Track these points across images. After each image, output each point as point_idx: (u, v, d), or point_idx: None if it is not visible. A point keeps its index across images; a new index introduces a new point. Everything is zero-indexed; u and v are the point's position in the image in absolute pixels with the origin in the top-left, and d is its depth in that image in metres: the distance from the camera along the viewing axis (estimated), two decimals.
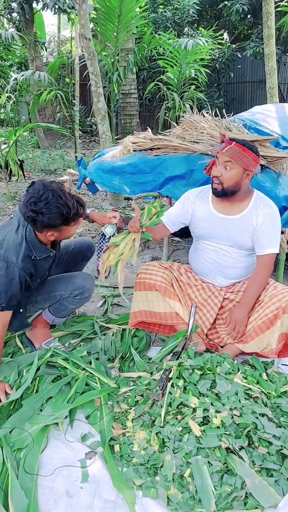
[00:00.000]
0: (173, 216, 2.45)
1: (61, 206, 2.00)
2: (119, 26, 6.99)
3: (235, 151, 2.12)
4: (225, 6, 10.79)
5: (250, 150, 2.15)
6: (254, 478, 1.57)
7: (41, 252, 2.17)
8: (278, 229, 2.25)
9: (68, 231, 2.16)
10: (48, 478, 1.66)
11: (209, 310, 2.38)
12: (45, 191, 2.00)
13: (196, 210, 2.37)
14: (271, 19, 6.30)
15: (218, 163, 2.21)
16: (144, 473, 1.67)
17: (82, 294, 2.40)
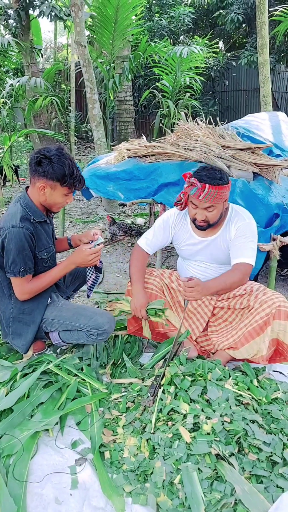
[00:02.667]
0: (155, 243, 2.39)
1: (68, 166, 2.09)
2: (115, 33, 7.04)
3: (213, 195, 2.04)
4: (220, 15, 10.90)
5: (222, 180, 2.06)
6: (244, 485, 1.57)
7: (37, 215, 2.20)
8: (252, 241, 2.17)
9: (57, 195, 2.17)
10: (37, 485, 1.65)
11: (199, 318, 2.38)
12: (62, 151, 2.12)
13: (177, 235, 2.36)
14: (265, 28, 6.37)
15: (197, 206, 2.13)
16: (134, 479, 1.66)
17: (100, 336, 2.29)
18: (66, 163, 2.09)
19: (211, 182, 2.03)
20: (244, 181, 3.01)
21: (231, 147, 3.33)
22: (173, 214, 2.36)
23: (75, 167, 2.13)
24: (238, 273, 2.09)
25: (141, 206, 6.26)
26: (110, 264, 4.12)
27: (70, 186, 2.14)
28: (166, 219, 2.37)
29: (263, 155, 3.32)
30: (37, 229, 2.21)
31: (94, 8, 7.20)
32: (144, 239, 2.40)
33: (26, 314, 2.28)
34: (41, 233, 2.25)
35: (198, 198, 2.06)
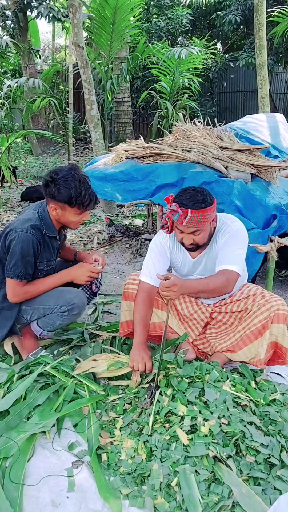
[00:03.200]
0: (159, 272, 2.14)
1: (73, 188, 2.10)
2: (113, 35, 7.05)
3: (196, 219, 1.94)
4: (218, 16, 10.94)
5: (204, 203, 1.95)
6: (242, 487, 1.56)
7: (49, 230, 2.25)
8: (239, 248, 2.09)
9: (70, 215, 2.21)
10: (34, 488, 1.64)
11: (195, 323, 2.36)
12: (71, 171, 2.15)
13: (174, 258, 2.27)
14: (263, 29, 6.39)
15: (182, 230, 2.03)
16: (131, 482, 1.65)
17: (71, 311, 2.32)
18: (72, 185, 2.10)
19: (193, 207, 1.93)
20: (242, 182, 3.01)
21: (229, 148, 3.33)
22: (164, 237, 2.24)
23: (84, 188, 2.13)
24: (223, 278, 2.00)
25: (139, 207, 6.26)
26: (108, 265, 4.12)
27: (80, 206, 2.16)
28: (160, 244, 2.24)
29: (261, 156, 3.32)
30: (45, 241, 2.26)
31: (92, 9, 7.21)
32: (146, 272, 2.21)
33: (6, 309, 2.31)
34: (48, 246, 2.30)
35: (181, 224, 1.97)
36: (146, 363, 2.06)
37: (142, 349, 2.11)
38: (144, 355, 2.08)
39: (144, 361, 2.06)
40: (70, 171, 2.15)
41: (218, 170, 3.18)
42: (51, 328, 2.41)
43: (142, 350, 2.10)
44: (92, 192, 2.20)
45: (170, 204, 1.99)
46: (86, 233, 5.21)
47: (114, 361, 2.21)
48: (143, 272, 2.22)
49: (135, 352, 2.10)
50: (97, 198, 2.23)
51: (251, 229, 2.78)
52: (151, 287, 2.19)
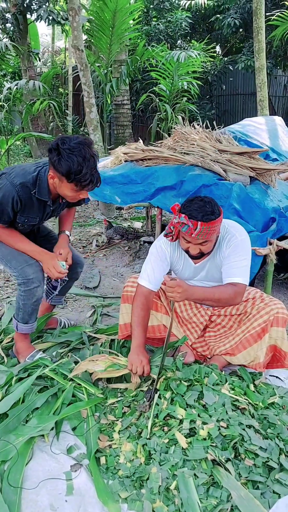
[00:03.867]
0: (158, 277, 2.18)
1: (75, 163, 1.96)
2: (113, 38, 7.06)
3: (206, 231, 1.91)
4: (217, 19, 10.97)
5: (213, 214, 1.92)
6: (240, 490, 1.56)
7: (41, 193, 2.17)
8: (245, 259, 2.08)
9: (66, 189, 2.08)
10: (32, 491, 1.63)
11: (194, 327, 2.36)
12: (79, 145, 1.99)
13: (174, 262, 2.24)
14: (262, 33, 6.41)
15: (189, 241, 2.00)
16: (129, 485, 1.65)
17: (25, 285, 2.28)
18: (74, 160, 1.95)
19: (203, 219, 1.89)
20: (241, 185, 3.02)
21: (227, 151, 3.33)
22: (165, 242, 2.20)
23: (86, 166, 1.97)
24: (231, 290, 2.01)
25: (138, 209, 6.26)
26: (106, 268, 4.12)
27: (77, 184, 2.03)
28: (160, 249, 2.21)
29: (259, 159, 3.32)
30: (32, 200, 2.19)
31: (91, 12, 7.22)
32: (144, 276, 2.20)
33: None
34: (34, 206, 2.22)
35: (190, 236, 1.95)
36: (144, 367, 2.06)
37: (141, 352, 2.10)
38: (142, 358, 2.08)
39: (142, 364, 2.06)
40: (79, 144, 1.98)
41: (217, 173, 3.19)
42: (21, 316, 2.36)
43: (140, 353, 2.09)
44: (96, 173, 2.04)
45: (179, 215, 1.95)
46: (85, 236, 5.21)
47: (112, 362, 2.21)
48: (141, 276, 2.21)
49: (134, 355, 2.09)
50: (99, 180, 2.08)
51: (250, 232, 2.78)
52: (149, 291, 2.18)
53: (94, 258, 4.39)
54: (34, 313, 2.40)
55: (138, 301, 2.18)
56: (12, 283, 3.68)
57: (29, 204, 2.19)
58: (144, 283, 2.19)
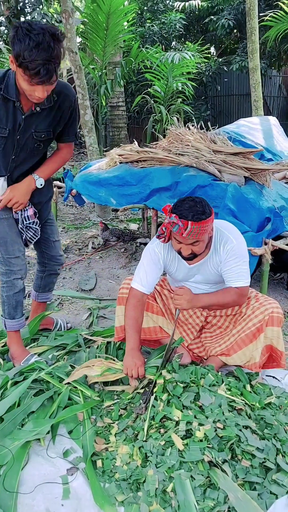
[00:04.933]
0: (151, 281, 2.18)
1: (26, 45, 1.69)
2: (107, 40, 7.06)
3: (197, 231, 1.90)
4: (211, 20, 10.99)
5: (204, 214, 1.91)
6: (237, 492, 1.55)
7: (8, 91, 1.95)
8: (244, 261, 2.08)
9: (19, 77, 1.81)
10: (28, 496, 1.62)
11: (190, 328, 2.35)
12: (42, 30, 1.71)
13: (168, 265, 2.22)
14: (255, 33, 6.43)
15: (181, 241, 1.99)
16: (126, 488, 1.64)
17: (7, 275, 2.28)
18: (26, 41, 1.68)
19: (193, 219, 1.88)
20: (236, 185, 3.02)
21: (222, 152, 3.34)
22: (159, 244, 2.17)
23: (38, 53, 1.69)
24: (235, 295, 2.05)
25: (134, 211, 6.26)
26: (103, 270, 4.11)
27: (25, 70, 1.74)
28: (154, 252, 2.18)
29: (254, 160, 3.33)
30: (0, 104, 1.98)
31: (85, 14, 7.22)
32: (137, 279, 2.18)
33: None
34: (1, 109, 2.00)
35: (181, 236, 1.94)
36: (138, 369, 2.05)
37: (135, 355, 2.09)
38: (136, 361, 2.07)
39: (137, 367, 2.05)
40: (42, 29, 1.71)
41: (212, 173, 3.19)
42: (6, 310, 2.36)
43: (135, 356, 2.09)
44: (50, 66, 1.73)
45: (170, 215, 1.94)
46: (81, 238, 5.20)
47: (107, 367, 2.20)
48: (134, 279, 2.20)
49: (128, 358, 2.09)
50: (52, 75, 1.77)
51: (245, 232, 2.78)
52: (142, 294, 2.17)
53: (90, 260, 4.38)
54: (18, 307, 2.40)
55: (130, 304, 2.17)
56: None
57: None
58: (137, 286, 2.17)
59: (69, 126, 2.24)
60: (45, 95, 1.87)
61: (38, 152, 2.25)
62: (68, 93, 2.12)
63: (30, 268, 4.15)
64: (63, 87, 2.10)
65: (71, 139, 2.33)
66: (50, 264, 2.63)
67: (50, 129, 2.16)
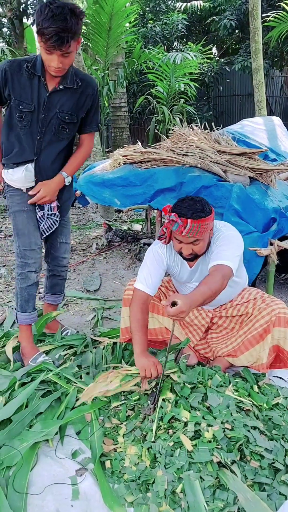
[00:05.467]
0: (154, 281, 2.16)
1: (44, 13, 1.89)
2: (109, 40, 7.08)
3: (196, 229, 1.91)
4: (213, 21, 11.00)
5: (203, 212, 1.92)
6: (247, 493, 1.55)
7: (35, 67, 2.12)
8: (232, 248, 2.03)
9: (40, 47, 2.00)
10: (38, 497, 1.62)
11: (196, 329, 2.35)
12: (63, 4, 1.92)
13: (171, 266, 2.22)
14: (258, 34, 6.43)
15: (181, 241, 2.00)
16: (135, 489, 1.64)
17: (21, 267, 2.35)
18: (45, 11, 1.88)
19: (192, 216, 1.90)
20: (241, 186, 3.02)
21: (227, 152, 3.34)
22: (161, 246, 2.18)
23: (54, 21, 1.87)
24: (218, 276, 1.91)
25: (137, 212, 6.26)
26: (107, 270, 4.11)
27: (41, 37, 1.93)
28: (157, 253, 2.18)
29: (259, 160, 3.33)
30: (22, 74, 2.14)
31: (88, 15, 7.23)
32: (141, 279, 2.16)
33: None
34: (25, 83, 2.15)
35: (181, 234, 1.95)
36: (157, 366, 2.01)
37: (148, 356, 2.06)
38: (151, 360, 2.03)
39: (155, 365, 2.01)
40: (62, 4, 1.91)
41: (217, 174, 3.19)
42: (19, 303, 2.42)
43: (148, 357, 2.05)
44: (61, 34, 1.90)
45: (169, 214, 1.96)
46: (84, 239, 5.21)
47: (124, 375, 2.13)
48: (138, 280, 2.18)
49: (143, 360, 2.03)
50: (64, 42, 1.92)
51: (251, 232, 2.78)
52: (147, 295, 2.15)
53: (94, 261, 4.39)
54: (31, 300, 2.43)
55: (135, 305, 2.14)
56: (13, 288, 3.67)
57: (18, 78, 2.13)
58: (141, 287, 2.15)
59: (92, 114, 2.35)
60: (60, 66, 2.01)
61: (63, 136, 2.31)
62: (91, 81, 2.29)
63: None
64: (86, 76, 2.31)
65: (93, 129, 2.42)
66: (52, 264, 2.65)
67: (73, 113, 2.27)
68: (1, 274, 3.97)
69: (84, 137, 2.44)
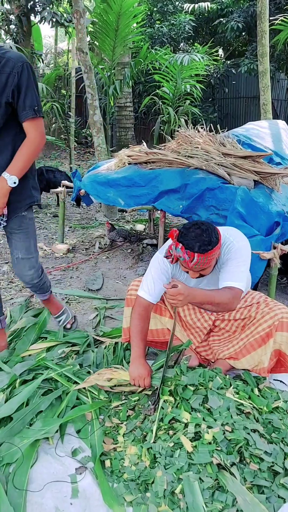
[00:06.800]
0: (158, 290, 2.16)
1: None
2: (116, 40, 7.08)
3: (203, 261, 1.89)
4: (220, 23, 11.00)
5: (210, 244, 1.88)
6: (245, 495, 1.56)
7: None
8: (243, 264, 2.03)
9: None
10: (38, 494, 1.63)
11: (198, 331, 2.35)
12: None
13: (176, 275, 2.21)
14: (266, 37, 6.43)
15: (188, 269, 1.98)
16: (135, 489, 1.65)
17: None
18: None
19: (199, 250, 1.86)
20: (245, 189, 3.02)
21: (231, 155, 3.34)
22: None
23: None
24: (229, 294, 1.96)
25: (140, 212, 6.27)
26: (109, 270, 4.12)
27: None
28: (163, 263, 2.15)
29: (263, 163, 3.33)
30: None
31: (95, 14, 7.25)
32: (144, 287, 2.17)
33: None
34: None
35: (189, 267, 1.93)
36: (145, 379, 2.06)
37: (140, 364, 2.09)
38: (142, 371, 2.06)
39: (142, 378, 2.06)
40: None
41: (221, 176, 3.20)
42: None
43: (140, 365, 2.08)
44: None
45: (176, 244, 1.91)
46: (87, 238, 5.22)
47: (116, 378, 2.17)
48: (141, 287, 2.18)
49: (133, 369, 2.08)
50: None
51: (254, 236, 2.79)
52: (148, 303, 2.17)
53: (97, 260, 4.40)
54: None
55: (136, 312, 2.16)
56: (16, 285, 3.68)
57: None
58: (144, 294, 2.16)
59: (22, 97, 1.97)
60: None
61: None
62: (13, 57, 1.93)
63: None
64: (10, 52, 1.95)
65: (29, 114, 2.00)
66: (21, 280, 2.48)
67: None
68: (4, 271, 3.98)
69: (25, 126, 2.04)
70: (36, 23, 10.92)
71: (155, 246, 4.68)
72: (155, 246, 4.68)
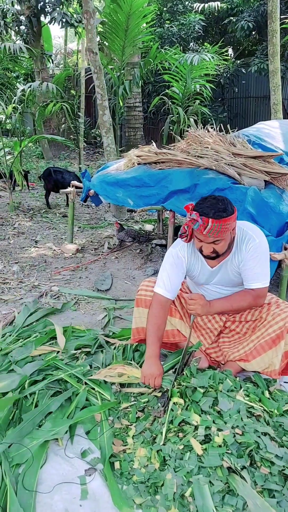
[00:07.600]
0: (174, 285, 2.15)
1: None
2: (126, 40, 7.08)
3: (217, 229, 1.88)
4: (230, 22, 10.94)
5: (226, 212, 1.89)
6: (256, 499, 1.54)
7: None
8: (265, 261, 2.05)
9: None
10: (47, 495, 1.63)
11: (208, 332, 2.34)
12: None
13: (191, 268, 2.19)
14: (276, 36, 6.38)
15: (202, 240, 1.97)
16: (144, 491, 1.64)
17: None
18: None
19: (214, 216, 1.87)
20: (256, 189, 3.00)
21: (242, 155, 3.32)
22: (182, 247, 2.15)
23: None
24: (249, 297, 2.02)
25: (149, 212, 6.26)
26: (118, 270, 4.12)
27: None
28: (177, 256, 2.14)
29: (274, 163, 3.30)
30: None
31: (105, 14, 7.25)
32: (160, 284, 2.15)
33: None
34: None
35: (202, 233, 1.92)
36: (156, 379, 2.05)
37: (154, 364, 2.08)
38: (154, 370, 2.06)
39: (154, 377, 2.05)
40: None
41: (232, 176, 3.18)
42: None
43: (153, 365, 2.07)
44: None
45: (190, 212, 1.94)
46: (96, 238, 5.22)
47: (127, 374, 2.19)
48: (158, 284, 2.17)
49: (146, 367, 2.08)
50: None
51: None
52: (166, 299, 2.15)
53: (106, 260, 4.39)
54: None
55: (154, 309, 2.15)
56: (26, 284, 3.69)
57: None
58: (160, 291, 2.15)
59: None
60: None
61: None
62: None
63: (47, 266, 4.18)
64: None
65: None
66: None
67: None
68: (14, 271, 3.99)
69: None
70: (46, 24, 10.96)
71: (164, 247, 4.67)
72: (164, 247, 4.67)
